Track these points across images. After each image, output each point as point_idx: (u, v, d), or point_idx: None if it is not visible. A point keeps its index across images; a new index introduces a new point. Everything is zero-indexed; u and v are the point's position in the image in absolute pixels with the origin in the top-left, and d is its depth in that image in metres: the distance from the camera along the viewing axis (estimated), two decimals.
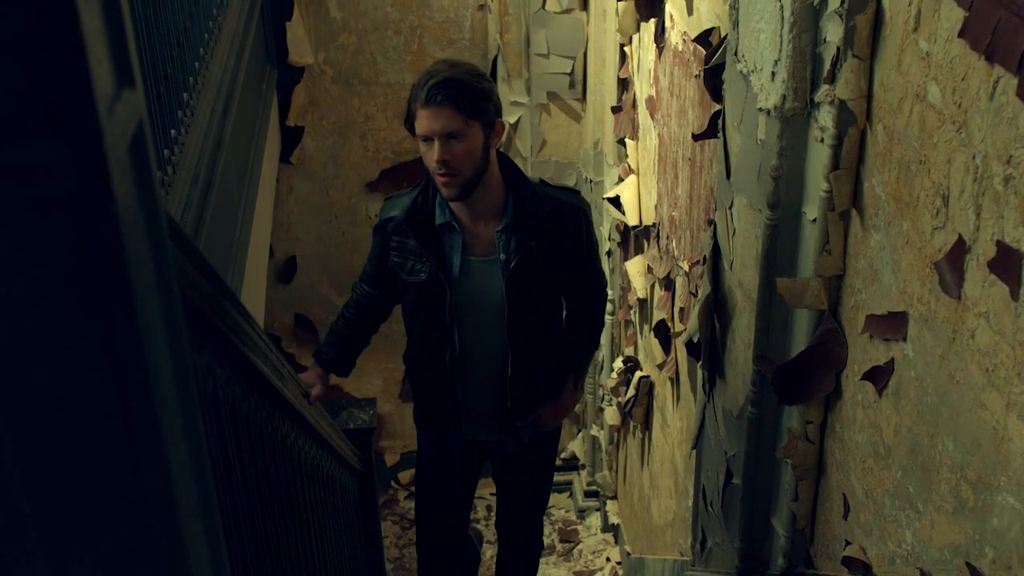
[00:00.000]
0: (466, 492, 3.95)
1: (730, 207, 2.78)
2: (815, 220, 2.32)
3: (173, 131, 2.84)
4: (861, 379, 2.20)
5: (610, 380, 5.53)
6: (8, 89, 0.63)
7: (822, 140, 2.24)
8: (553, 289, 3.41)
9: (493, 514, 4.47)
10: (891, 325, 2.05)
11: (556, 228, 3.25)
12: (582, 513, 6.74)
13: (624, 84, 5.17)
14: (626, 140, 5.08)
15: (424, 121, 3.01)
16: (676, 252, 4.16)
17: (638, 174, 4.96)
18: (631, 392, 5.11)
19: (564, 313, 3.59)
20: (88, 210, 0.67)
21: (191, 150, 2.99)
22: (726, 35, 2.82)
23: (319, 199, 6.48)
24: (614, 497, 6.35)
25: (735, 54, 2.61)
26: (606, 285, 3.69)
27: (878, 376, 2.13)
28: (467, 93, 2.99)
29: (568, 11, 5.92)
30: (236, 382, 1.97)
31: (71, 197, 0.66)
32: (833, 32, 2.14)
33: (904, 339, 2.01)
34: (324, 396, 3.46)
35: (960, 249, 1.75)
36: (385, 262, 3.37)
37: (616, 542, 6.30)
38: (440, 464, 3.77)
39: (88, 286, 0.68)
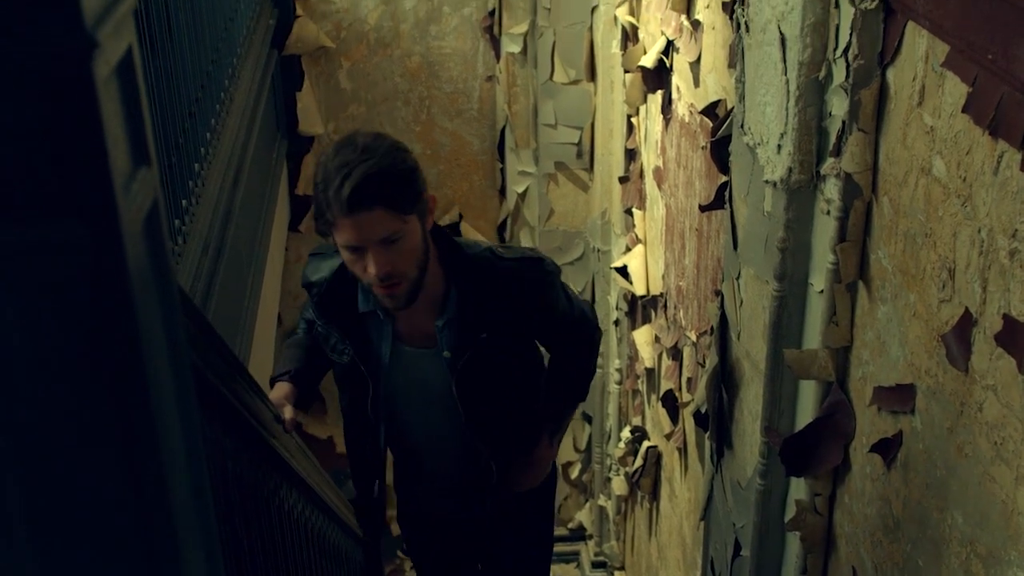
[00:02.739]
0: (466, 558, 3.52)
1: (737, 278, 2.79)
2: (822, 291, 2.32)
3: (184, 201, 2.87)
4: (870, 451, 2.20)
5: (618, 450, 5.50)
6: (27, 169, 0.64)
7: (828, 212, 2.25)
8: (520, 368, 2.93)
9: None
10: (899, 397, 2.05)
11: (513, 310, 2.74)
12: None
13: (631, 154, 5.20)
14: (633, 210, 5.11)
15: (350, 231, 2.42)
16: (683, 322, 4.17)
17: (645, 244, 4.98)
18: (639, 462, 5.08)
19: (544, 363, 3.12)
20: (103, 289, 0.68)
21: (202, 220, 3.02)
22: (732, 108, 2.85)
23: None
24: (622, 568, 6.30)
25: (741, 127, 2.63)
26: (594, 321, 3.13)
27: (887, 448, 2.13)
28: (396, 183, 2.42)
29: (576, 82, 5.98)
30: (244, 453, 1.97)
31: (86, 276, 0.67)
32: (838, 106, 2.16)
33: (912, 411, 2.01)
34: (297, 419, 2.72)
35: (967, 322, 1.75)
36: (311, 326, 2.93)
37: None
38: (421, 534, 3.44)
39: (102, 365, 0.69)
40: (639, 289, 4.94)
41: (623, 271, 5.10)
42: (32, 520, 0.70)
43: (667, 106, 4.27)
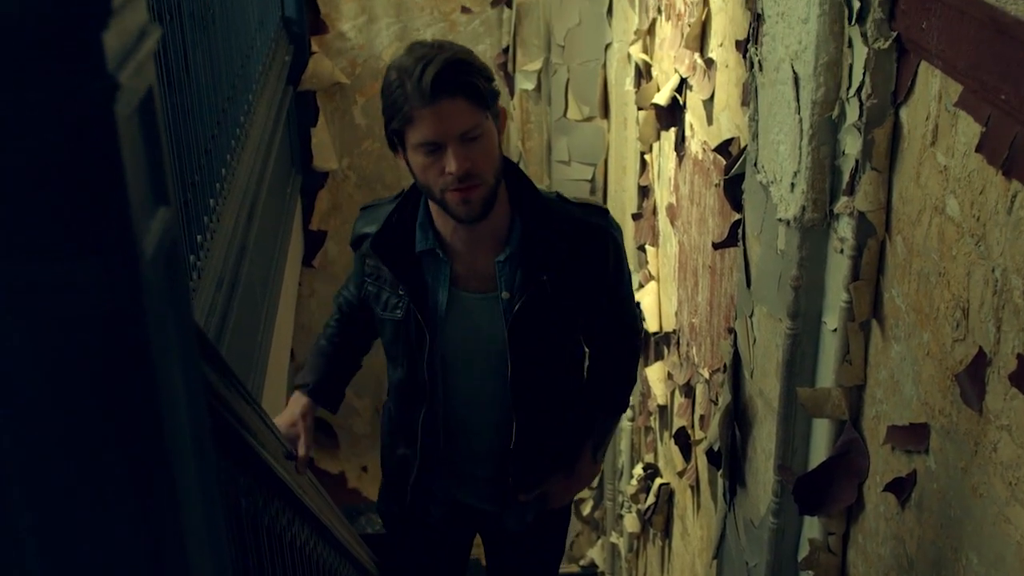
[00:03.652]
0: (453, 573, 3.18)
1: (750, 316, 2.79)
2: (835, 330, 2.32)
3: (199, 237, 2.88)
4: (883, 490, 2.19)
5: (630, 487, 5.49)
6: (47, 208, 0.65)
7: (842, 251, 2.25)
8: (571, 336, 2.73)
9: None
10: (913, 436, 2.05)
11: (576, 258, 2.56)
12: None
13: (645, 191, 5.21)
14: (646, 247, 5.11)
15: (430, 123, 2.30)
16: (696, 359, 4.16)
17: (658, 280, 4.98)
18: (651, 499, 5.07)
19: (586, 364, 2.92)
20: (120, 328, 0.68)
21: (216, 255, 3.03)
22: (746, 145, 2.86)
23: None
24: None
25: (755, 165, 2.64)
26: (640, 331, 3.00)
27: (901, 488, 2.12)
28: (478, 74, 2.35)
29: (589, 119, 6.00)
30: (257, 490, 1.97)
31: (103, 315, 0.68)
32: (851, 145, 2.17)
33: (926, 451, 2.00)
34: (310, 451, 2.59)
35: (981, 362, 1.75)
36: (361, 288, 2.71)
37: None
38: (413, 540, 3.05)
39: (117, 404, 0.69)
40: (652, 326, 4.94)
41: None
42: (45, 554, 0.70)
43: (680, 143, 4.28)
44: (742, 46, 3.04)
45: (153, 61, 0.73)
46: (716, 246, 3.50)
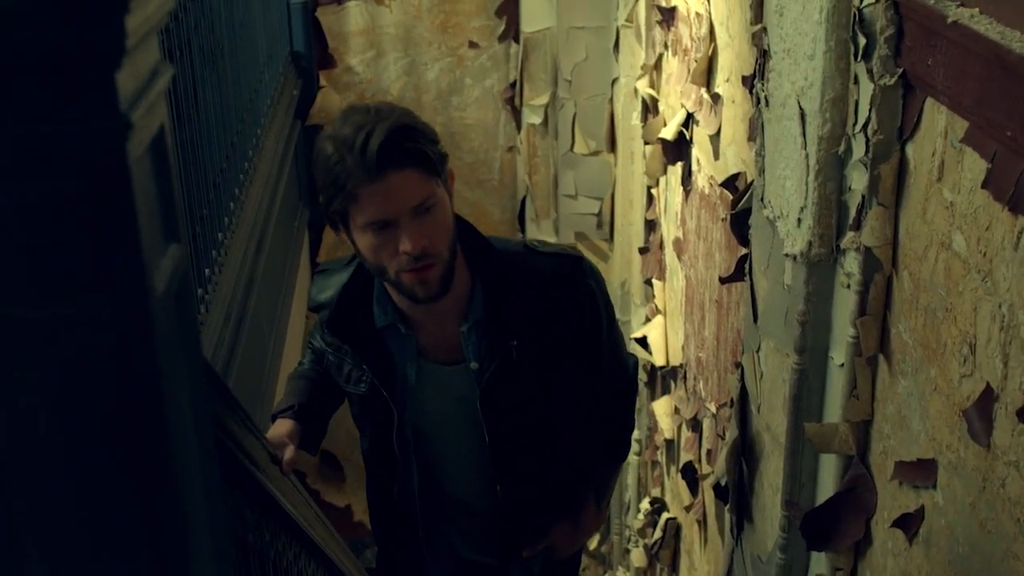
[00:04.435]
0: None
1: (757, 351, 2.79)
2: (842, 365, 2.32)
3: (207, 270, 2.89)
4: (891, 526, 2.18)
5: (636, 521, 5.47)
6: (61, 246, 0.65)
7: (848, 286, 2.25)
8: (554, 396, 2.48)
9: None
10: (920, 472, 2.04)
11: (548, 316, 2.35)
12: None
13: (651, 225, 5.22)
14: (653, 281, 5.12)
15: (378, 200, 2.07)
16: (703, 393, 4.16)
17: (665, 315, 4.98)
18: (658, 534, 5.05)
19: (578, 412, 2.65)
20: (130, 364, 0.69)
21: (224, 289, 3.04)
22: (752, 180, 2.87)
23: None
24: None
25: (761, 200, 2.65)
26: (635, 372, 2.75)
27: (908, 524, 2.11)
28: (424, 139, 2.12)
29: (596, 153, 6.02)
30: (264, 524, 1.97)
31: (114, 351, 0.68)
32: (858, 180, 2.17)
33: (934, 487, 1.99)
34: (298, 459, 2.36)
35: (988, 397, 1.75)
36: (321, 356, 2.52)
37: None
38: None
39: (127, 439, 0.70)
40: (659, 360, 4.94)
41: (643, 341, 5.10)
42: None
43: (687, 178, 4.30)
44: (748, 82, 3.05)
45: (165, 100, 0.74)
46: (723, 280, 3.50)
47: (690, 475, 4.40)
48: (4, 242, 0.63)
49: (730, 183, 3.36)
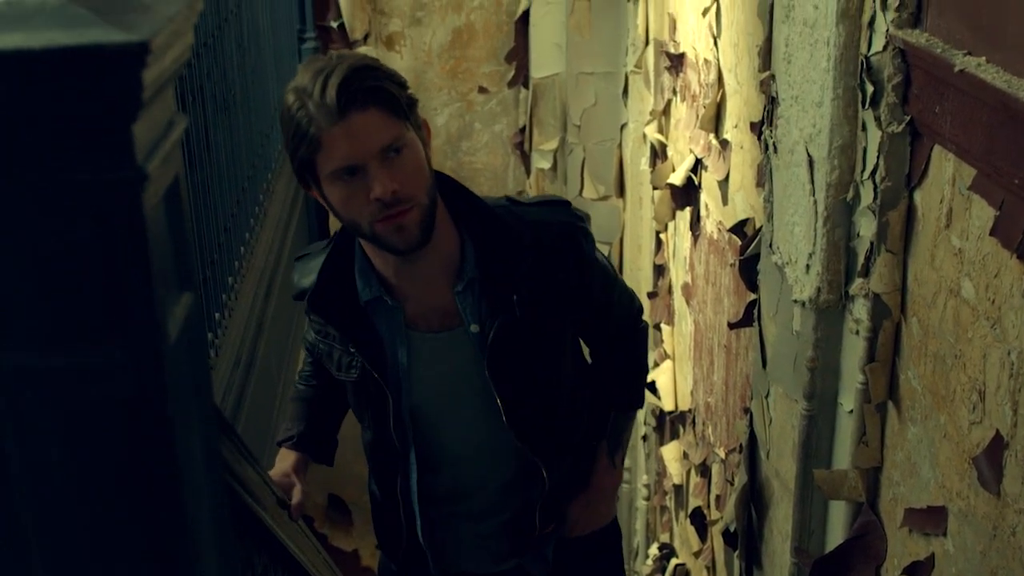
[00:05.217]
0: None
1: (766, 396, 2.79)
2: (852, 411, 2.32)
3: (217, 314, 2.90)
4: (901, 574, 2.17)
5: (645, 567, 5.44)
6: (77, 296, 0.66)
7: (857, 332, 2.25)
8: (562, 350, 2.33)
9: None
10: (931, 519, 2.03)
11: (546, 266, 2.19)
12: None
13: (660, 270, 5.22)
14: (662, 325, 5.11)
15: (342, 143, 1.93)
16: (712, 439, 4.15)
17: (674, 359, 4.98)
18: None
19: (588, 362, 2.54)
20: (142, 411, 0.69)
21: (234, 333, 3.05)
22: (761, 226, 2.87)
23: None
24: None
25: (770, 245, 2.65)
26: (640, 311, 2.56)
27: (919, 572, 2.10)
28: (386, 79, 1.98)
29: (605, 198, 6.03)
30: (273, 570, 1.97)
31: (127, 398, 0.69)
32: (866, 227, 2.18)
33: (944, 534, 1.99)
34: (305, 500, 2.26)
35: (998, 445, 1.74)
36: (313, 347, 2.37)
37: None
38: None
39: (139, 483, 0.70)
40: (667, 404, 4.93)
41: (651, 386, 5.09)
42: None
43: (696, 223, 4.30)
44: (757, 128, 3.07)
45: (180, 150, 0.75)
46: (732, 326, 3.50)
47: (699, 521, 4.38)
48: (22, 290, 0.64)
49: (739, 228, 3.37)
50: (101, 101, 0.62)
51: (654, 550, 5.33)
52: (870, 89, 2.10)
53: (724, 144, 3.68)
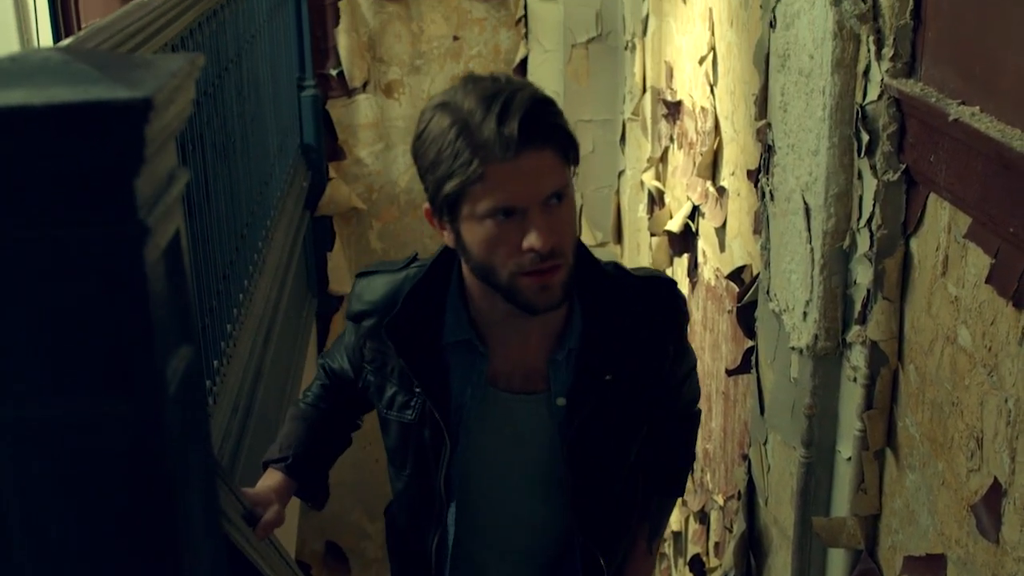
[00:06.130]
0: None
1: (764, 443, 2.79)
2: (850, 459, 2.31)
3: (216, 362, 2.90)
4: None
5: None
6: (76, 347, 0.67)
7: (855, 379, 2.26)
8: (634, 433, 2.10)
9: None
10: (930, 568, 2.03)
11: (644, 345, 2.00)
12: None
13: None
14: None
15: (508, 184, 1.69)
16: (711, 485, 4.14)
17: None
18: None
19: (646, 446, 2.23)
20: (142, 464, 0.70)
21: (232, 380, 3.05)
22: (758, 273, 2.88)
23: None
24: None
25: (767, 293, 2.66)
26: (699, 394, 2.37)
27: None
28: (563, 117, 1.78)
29: (603, 244, 6.05)
30: None
31: (127, 449, 0.69)
32: (863, 275, 2.19)
33: None
34: (280, 521, 1.93)
35: (996, 493, 1.74)
36: (358, 373, 2.10)
37: None
38: None
39: (138, 536, 0.70)
40: None
41: None
42: None
43: (693, 270, 4.32)
44: (753, 176, 3.09)
45: (181, 203, 0.76)
46: (730, 373, 3.50)
47: (698, 568, 4.36)
48: (24, 343, 0.65)
49: (736, 275, 3.38)
50: (103, 157, 0.63)
51: None
52: (865, 138, 2.11)
53: (721, 191, 3.70)
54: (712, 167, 3.82)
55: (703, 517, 4.32)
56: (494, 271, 1.77)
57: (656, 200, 4.97)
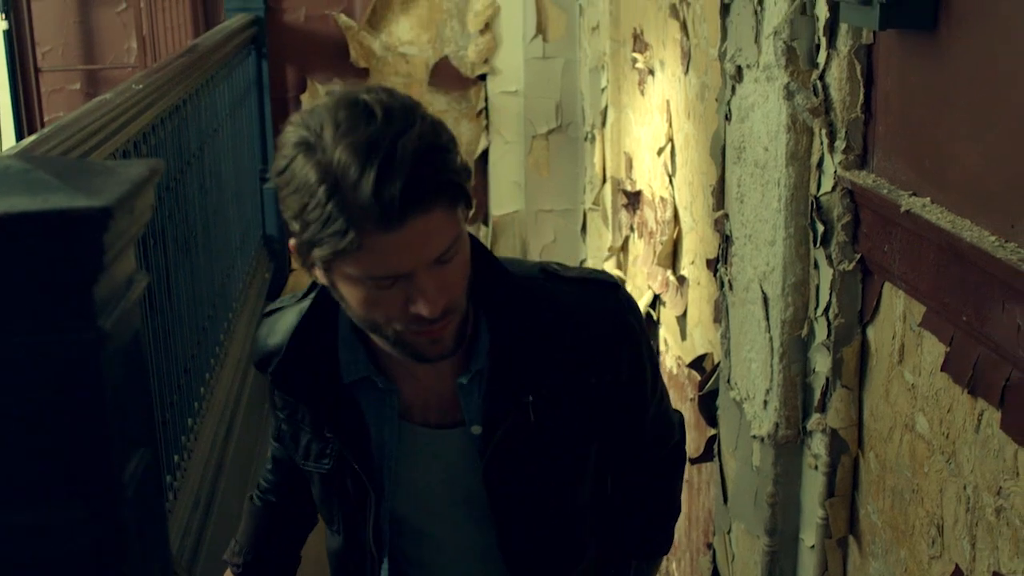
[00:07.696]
0: None
1: (728, 532, 2.78)
2: (813, 547, 2.32)
3: (176, 456, 2.88)
4: None
5: None
6: (32, 454, 0.67)
7: (816, 467, 2.27)
8: (579, 469, 1.78)
9: None
10: None
11: (575, 362, 1.68)
12: None
13: None
14: None
15: (392, 255, 1.41)
16: (676, 574, 4.12)
17: None
18: None
19: (612, 491, 1.92)
20: (101, 567, 0.70)
21: (193, 474, 3.02)
22: (719, 362, 2.90)
23: None
24: None
25: (728, 381, 2.68)
26: (682, 435, 2.00)
27: None
28: (454, 163, 1.45)
29: None
30: None
31: (86, 553, 0.69)
32: (821, 363, 2.21)
33: None
34: None
35: None
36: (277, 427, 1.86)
37: None
38: None
39: None
40: None
41: None
42: None
43: None
44: (713, 265, 3.12)
45: (139, 307, 0.76)
46: (692, 461, 3.50)
47: None
48: None
49: (697, 364, 3.40)
50: (62, 264, 0.64)
51: None
52: (821, 228, 2.14)
53: (681, 280, 3.73)
54: (672, 256, 3.85)
55: None
56: (377, 328, 1.54)
57: None
